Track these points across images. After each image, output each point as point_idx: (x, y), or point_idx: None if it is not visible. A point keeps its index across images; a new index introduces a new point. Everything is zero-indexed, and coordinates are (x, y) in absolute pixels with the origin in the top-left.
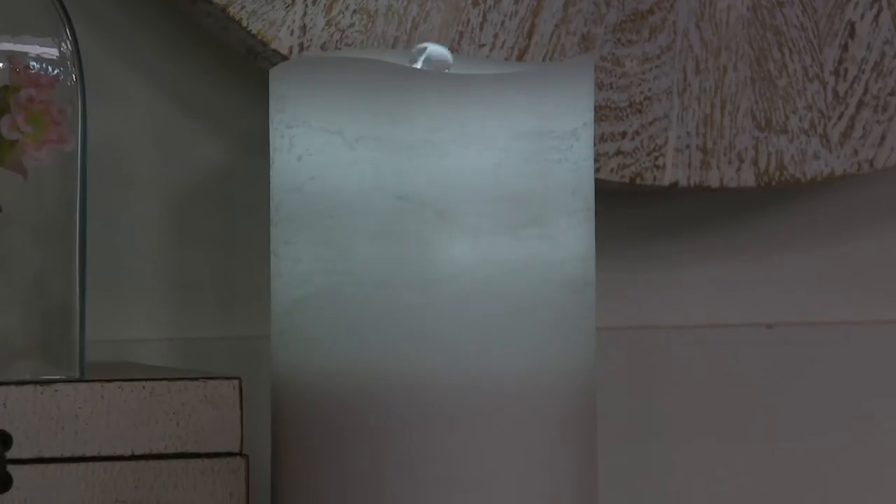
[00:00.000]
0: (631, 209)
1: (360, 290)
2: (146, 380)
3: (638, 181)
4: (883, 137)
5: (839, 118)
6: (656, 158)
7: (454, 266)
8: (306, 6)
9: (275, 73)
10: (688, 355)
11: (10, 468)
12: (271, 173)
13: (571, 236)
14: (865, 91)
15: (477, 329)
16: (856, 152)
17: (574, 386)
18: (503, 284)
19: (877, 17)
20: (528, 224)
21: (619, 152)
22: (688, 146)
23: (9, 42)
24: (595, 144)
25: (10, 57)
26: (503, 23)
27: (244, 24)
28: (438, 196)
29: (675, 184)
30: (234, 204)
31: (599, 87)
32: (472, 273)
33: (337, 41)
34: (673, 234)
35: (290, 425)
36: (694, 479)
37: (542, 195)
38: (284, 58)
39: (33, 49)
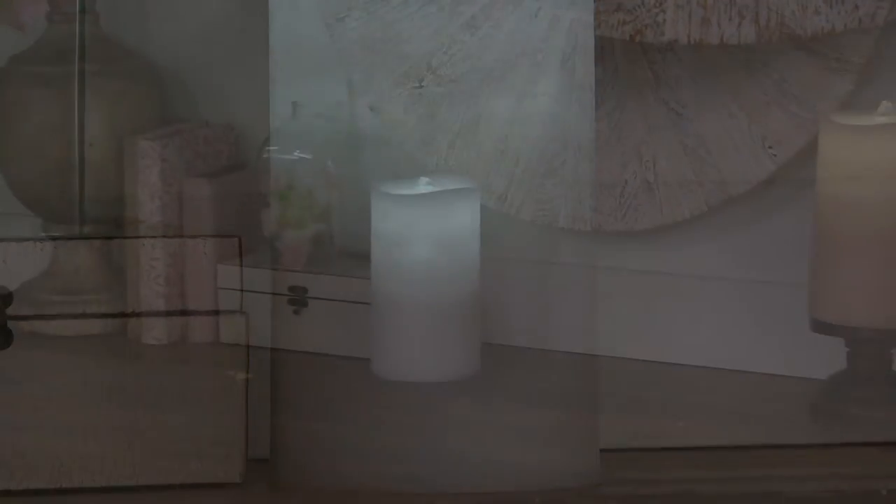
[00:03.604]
0: None
1: None
2: (149, 238)
3: (639, 38)
4: None
5: None
6: (657, 15)
7: None
8: None
9: None
10: None
11: (11, 324)
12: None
13: None
14: None
15: None
16: (856, 7)
17: None
18: None
19: None
20: None
21: (619, 9)
22: (688, 2)
23: None
24: (595, 1)
25: None
26: None
27: None
28: None
29: (676, 41)
30: None
31: None
32: None
33: None
34: None
35: None
36: None
37: None
38: None
39: None
